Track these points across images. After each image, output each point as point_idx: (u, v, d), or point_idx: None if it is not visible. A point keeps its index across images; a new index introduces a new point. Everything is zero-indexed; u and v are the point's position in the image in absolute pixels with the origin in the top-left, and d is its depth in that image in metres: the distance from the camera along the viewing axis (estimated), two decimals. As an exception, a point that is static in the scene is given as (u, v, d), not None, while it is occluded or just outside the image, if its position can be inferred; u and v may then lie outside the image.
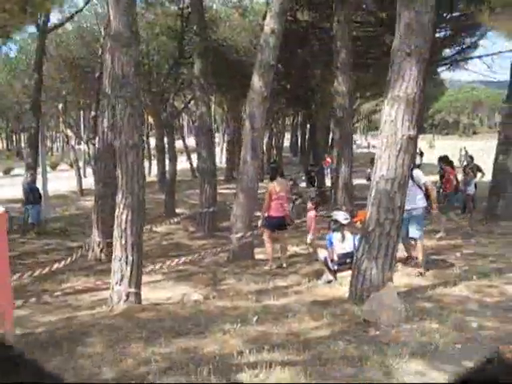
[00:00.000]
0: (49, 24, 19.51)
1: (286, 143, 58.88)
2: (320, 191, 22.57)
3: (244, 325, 5.68)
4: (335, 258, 8.78)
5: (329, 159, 24.76)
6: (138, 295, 7.14)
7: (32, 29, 20.19)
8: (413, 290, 7.58)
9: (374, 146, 61.14)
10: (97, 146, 11.85)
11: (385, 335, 5.50)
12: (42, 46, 18.86)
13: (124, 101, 6.62)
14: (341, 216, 9.03)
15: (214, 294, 8.13)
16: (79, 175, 27.77)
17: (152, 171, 35.59)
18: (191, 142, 45.13)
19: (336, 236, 8.83)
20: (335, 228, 8.93)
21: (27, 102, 30.69)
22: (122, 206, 6.84)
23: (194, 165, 39.30)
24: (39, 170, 19.45)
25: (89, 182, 29.55)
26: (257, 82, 11.12)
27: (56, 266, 9.70)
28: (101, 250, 11.64)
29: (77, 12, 21.99)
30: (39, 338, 5.69)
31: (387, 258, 6.79)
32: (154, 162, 34.20)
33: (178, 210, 21.36)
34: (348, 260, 8.76)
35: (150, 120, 31.67)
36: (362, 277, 6.83)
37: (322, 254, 9.09)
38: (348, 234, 8.90)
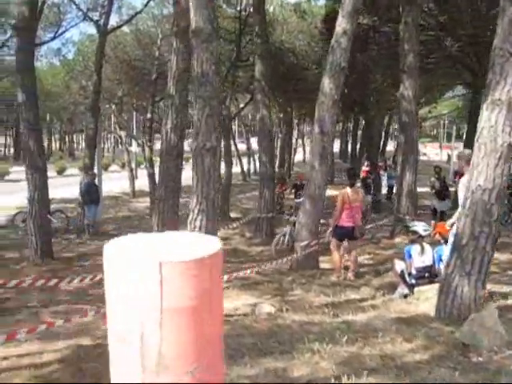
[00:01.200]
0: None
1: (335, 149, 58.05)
2: (375, 199, 21.97)
3: (333, 344, 5.22)
4: (413, 272, 8.25)
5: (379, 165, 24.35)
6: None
7: (91, 30, 20.27)
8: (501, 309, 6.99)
9: (424, 154, 59.96)
10: (159, 147, 11.55)
11: (489, 361, 4.97)
12: (101, 47, 18.85)
13: (202, 100, 6.27)
14: (420, 227, 8.49)
15: (286, 306, 7.66)
16: (132, 177, 27.78)
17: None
18: (240, 145, 45.03)
19: (415, 248, 8.29)
20: (414, 240, 8.40)
21: (82, 103, 31.16)
22: (196, 212, 6.49)
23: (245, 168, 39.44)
24: (94, 170, 19.44)
25: (141, 183, 29.68)
26: (327, 84, 10.67)
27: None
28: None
29: (136, 14, 21.94)
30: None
31: (481, 274, 6.24)
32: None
33: (231, 215, 21.11)
34: (427, 274, 8.25)
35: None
36: (453, 294, 6.30)
37: (399, 266, 8.55)
38: (427, 247, 8.36)
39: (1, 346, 5.51)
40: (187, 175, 9.41)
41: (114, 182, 30.96)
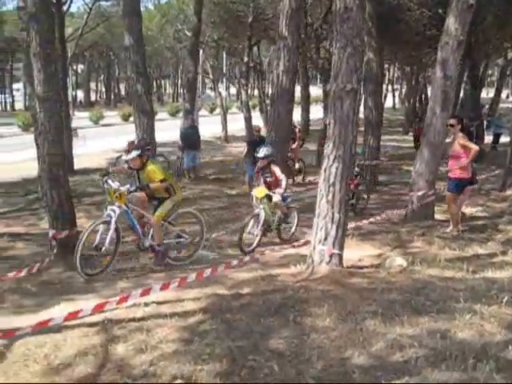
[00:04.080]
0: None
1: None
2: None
3: (493, 305, 4.80)
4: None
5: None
6: (340, 257, 6.46)
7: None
8: None
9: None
10: (270, 91, 11.20)
11: None
12: (200, -12, 18.45)
13: (344, 38, 5.80)
14: None
15: (417, 259, 7.23)
16: (225, 121, 27.67)
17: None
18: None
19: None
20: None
21: (171, 48, 30.97)
22: (331, 158, 6.12)
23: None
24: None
25: (231, 128, 29.54)
26: (452, 24, 9.83)
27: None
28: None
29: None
30: (252, 302, 5.16)
31: None
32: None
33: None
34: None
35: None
36: None
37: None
38: None
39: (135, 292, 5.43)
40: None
41: (204, 127, 31.02)
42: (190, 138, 16.88)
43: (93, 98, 70.36)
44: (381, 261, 7.36)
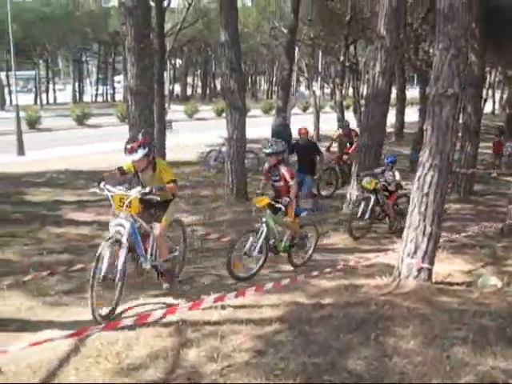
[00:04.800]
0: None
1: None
2: None
3: None
4: None
5: None
6: (429, 272, 6.08)
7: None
8: None
9: None
10: (365, 91, 10.85)
11: None
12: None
13: (447, 39, 5.41)
14: None
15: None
16: (317, 120, 27.33)
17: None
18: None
19: None
20: None
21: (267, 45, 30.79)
22: (426, 166, 5.75)
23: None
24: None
25: (322, 127, 29.12)
26: None
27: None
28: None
29: None
30: (333, 315, 4.91)
31: None
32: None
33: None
34: None
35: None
36: None
37: None
38: None
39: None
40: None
41: (296, 125, 30.72)
42: (281, 136, 16.69)
43: (189, 92, 71.72)
44: (472, 278, 6.90)
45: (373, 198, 9.92)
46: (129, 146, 5.88)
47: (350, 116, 26.98)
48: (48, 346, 4.31)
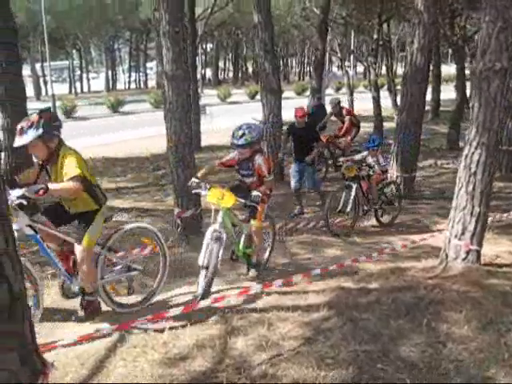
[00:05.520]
0: None
1: None
2: None
3: None
4: None
5: None
6: (478, 254, 5.88)
7: None
8: None
9: None
10: (399, 70, 10.56)
11: None
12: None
13: (495, 11, 5.16)
14: None
15: None
16: (351, 100, 26.91)
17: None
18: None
19: None
20: None
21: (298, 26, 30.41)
22: (474, 144, 5.54)
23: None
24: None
25: (356, 107, 28.70)
26: None
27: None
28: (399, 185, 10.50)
29: None
30: (380, 300, 4.78)
31: None
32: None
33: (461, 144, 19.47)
34: None
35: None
36: None
37: None
38: None
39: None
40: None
41: (327, 106, 30.37)
42: (317, 117, 16.52)
43: (221, 76, 71.66)
44: (522, 259, 6.66)
45: (354, 186, 8.76)
46: (18, 126, 4.42)
47: (385, 95, 26.52)
48: (94, 335, 4.31)
